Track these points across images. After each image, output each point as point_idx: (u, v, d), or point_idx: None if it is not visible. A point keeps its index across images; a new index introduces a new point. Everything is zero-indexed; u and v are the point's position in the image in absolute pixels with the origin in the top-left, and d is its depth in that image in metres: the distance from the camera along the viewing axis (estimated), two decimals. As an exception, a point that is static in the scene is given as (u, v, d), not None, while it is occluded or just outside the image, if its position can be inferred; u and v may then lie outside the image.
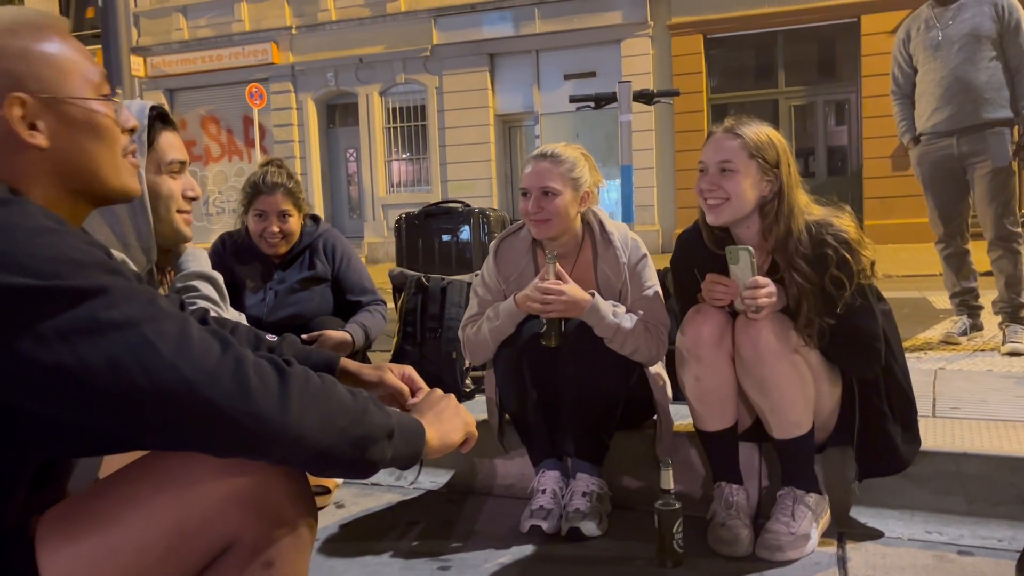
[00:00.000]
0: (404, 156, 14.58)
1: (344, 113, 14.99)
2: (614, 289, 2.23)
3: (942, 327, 3.81)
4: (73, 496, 0.92)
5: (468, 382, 2.94)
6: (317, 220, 2.85)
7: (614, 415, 2.19)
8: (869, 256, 1.92)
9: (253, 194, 2.70)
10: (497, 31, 13.41)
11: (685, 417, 2.22)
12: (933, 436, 2.16)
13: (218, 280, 1.89)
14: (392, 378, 1.25)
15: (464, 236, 3.90)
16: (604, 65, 12.72)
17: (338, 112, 15.08)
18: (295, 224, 2.73)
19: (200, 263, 1.86)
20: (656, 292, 2.25)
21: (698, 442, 2.22)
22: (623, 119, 3.67)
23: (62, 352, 0.78)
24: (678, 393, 2.19)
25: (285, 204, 2.68)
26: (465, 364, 2.90)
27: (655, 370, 2.25)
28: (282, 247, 2.73)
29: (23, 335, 0.78)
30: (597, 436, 2.18)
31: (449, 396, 1.16)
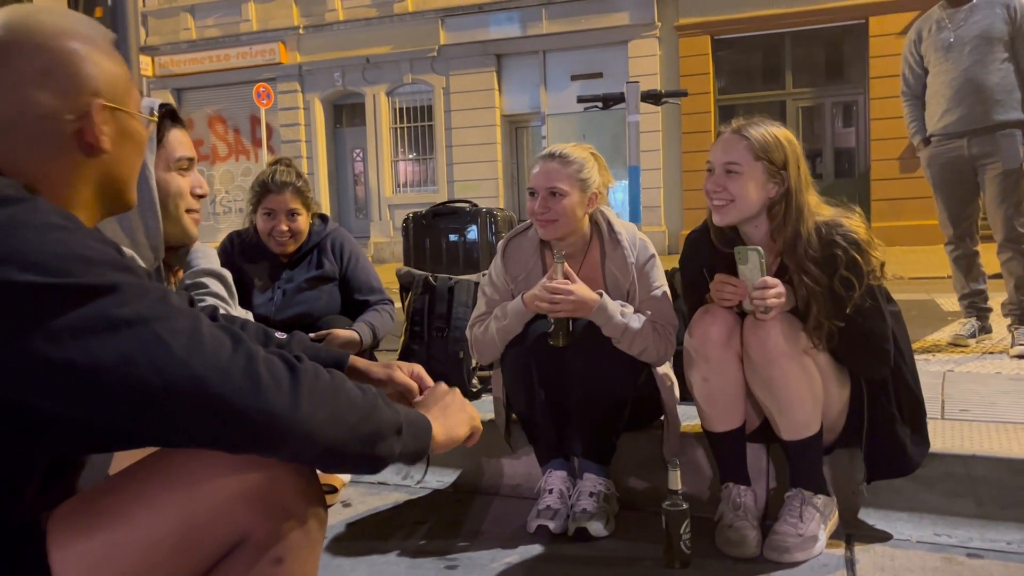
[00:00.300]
0: (411, 156, 14.60)
1: (351, 113, 15.02)
2: (622, 289, 2.23)
3: (950, 329, 3.80)
4: (83, 493, 0.92)
5: (475, 381, 2.94)
6: (325, 219, 2.86)
7: (621, 415, 2.19)
8: (879, 257, 1.92)
9: (262, 193, 2.71)
10: (504, 32, 13.42)
11: (693, 418, 2.22)
12: (942, 438, 2.16)
13: (227, 277, 1.89)
14: (401, 376, 1.25)
15: (471, 236, 3.90)
16: (611, 66, 12.72)
17: (345, 112, 15.10)
18: (303, 223, 2.73)
19: (209, 260, 1.87)
20: (664, 292, 2.24)
21: (706, 443, 2.21)
22: (631, 119, 3.65)
23: (73, 349, 0.79)
24: (686, 393, 2.19)
25: (294, 203, 2.69)
26: (472, 364, 2.91)
27: (663, 370, 2.25)
28: (291, 246, 2.74)
29: (34, 332, 0.78)
30: (604, 436, 2.18)
31: (454, 390, 1.17)
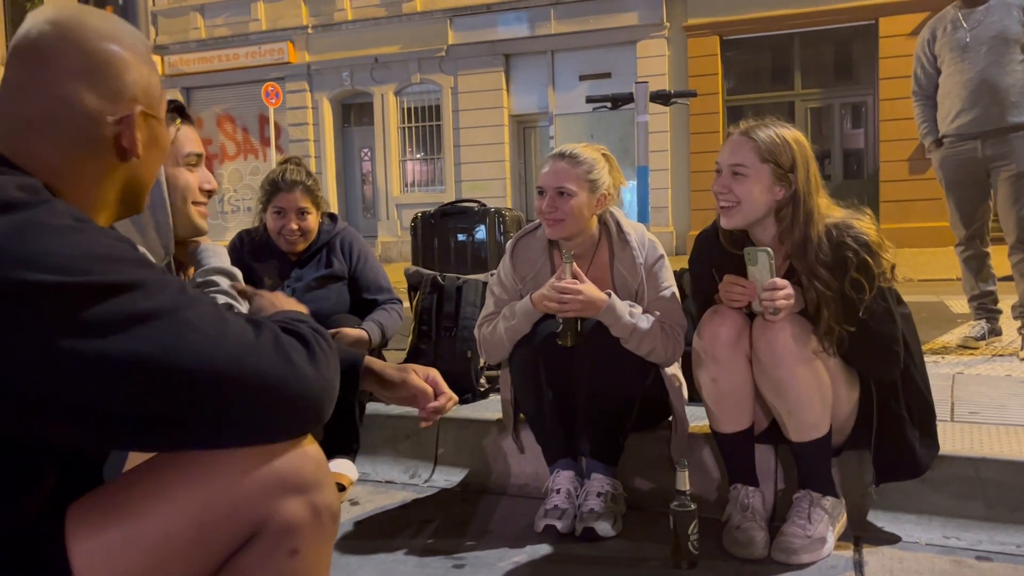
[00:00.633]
0: (418, 156, 14.62)
1: (359, 112, 15.05)
2: (630, 289, 2.23)
3: (960, 331, 3.78)
4: (102, 487, 0.93)
5: (483, 381, 2.94)
6: (335, 218, 2.88)
7: (629, 415, 2.19)
8: (890, 259, 1.91)
9: (272, 191, 2.72)
10: (512, 31, 13.42)
11: (701, 418, 2.22)
12: (951, 441, 2.15)
13: (237, 275, 1.90)
14: (416, 379, 1.26)
15: (480, 235, 3.90)
16: (619, 66, 12.70)
17: (353, 111, 15.13)
18: (313, 222, 2.74)
19: (220, 259, 1.87)
20: (673, 293, 2.24)
21: (714, 444, 2.21)
22: (640, 120, 3.65)
23: (106, 343, 0.80)
24: (694, 394, 2.18)
25: (304, 202, 2.70)
26: (480, 363, 2.91)
27: (671, 371, 2.25)
28: (300, 244, 2.75)
29: (61, 329, 0.79)
30: (612, 436, 2.18)
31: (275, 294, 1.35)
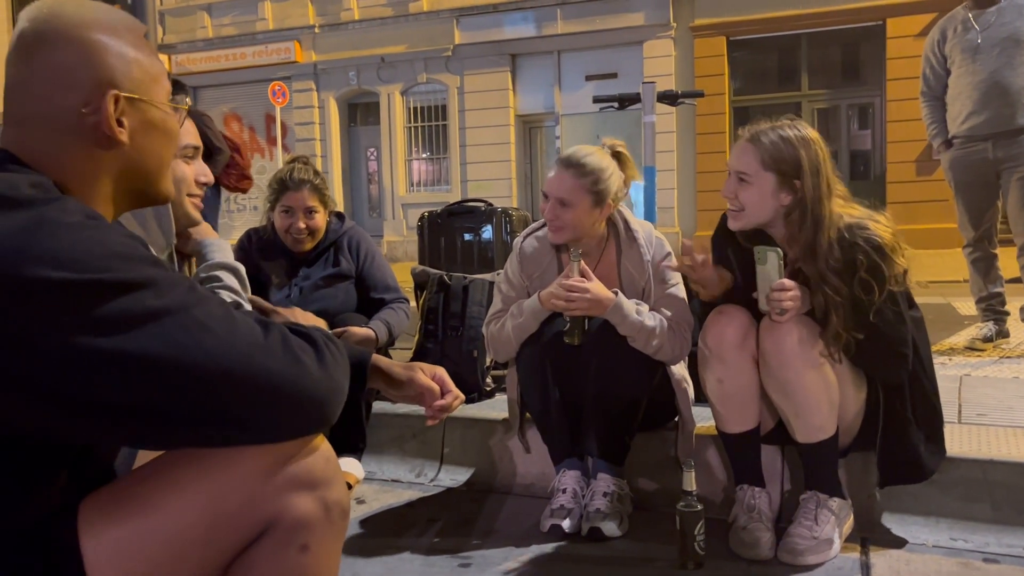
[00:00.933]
0: (424, 155, 14.63)
1: (365, 112, 15.06)
2: (637, 287, 2.23)
3: (967, 333, 3.77)
4: (114, 482, 0.94)
5: (489, 380, 2.94)
6: (342, 218, 2.88)
7: (636, 415, 2.19)
8: (903, 264, 1.88)
9: (280, 190, 2.73)
10: (519, 31, 13.41)
11: (707, 419, 2.21)
12: (959, 443, 2.14)
13: (241, 271, 1.90)
14: (423, 378, 1.26)
15: (486, 235, 3.90)
16: (626, 66, 12.69)
17: (359, 111, 15.15)
18: (321, 220, 2.75)
19: (224, 254, 1.88)
20: (680, 291, 2.24)
21: (720, 444, 2.21)
22: (647, 120, 3.64)
23: (120, 340, 0.81)
24: (701, 395, 2.18)
25: (311, 200, 2.71)
26: (486, 362, 2.91)
27: (678, 371, 2.25)
28: (308, 243, 2.76)
29: (76, 326, 0.80)
30: (619, 436, 2.18)
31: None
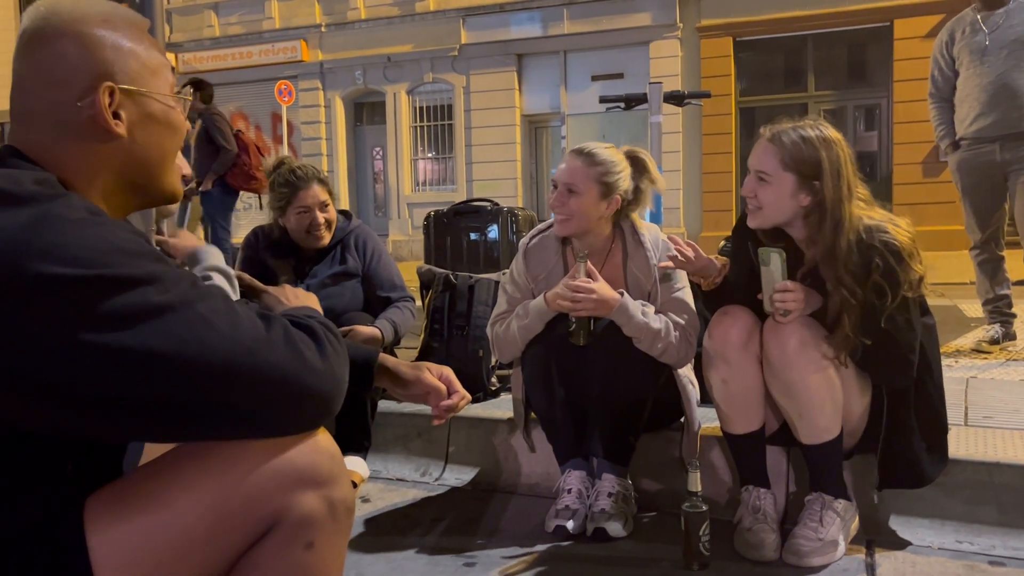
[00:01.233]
0: (430, 155, 14.63)
1: (371, 111, 15.07)
2: (643, 290, 2.23)
3: (974, 335, 3.76)
4: (120, 479, 0.94)
5: (494, 380, 2.94)
6: (348, 216, 2.89)
7: (641, 416, 2.19)
8: (919, 270, 1.86)
9: (291, 193, 2.71)
10: (525, 31, 13.40)
11: (712, 420, 2.21)
12: (965, 445, 2.14)
13: (232, 276, 1.92)
14: (430, 377, 1.26)
15: (492, 235, 3.91)
16: (632, 67, 12.67)
17: (365, 110, 15.15)
18: (333, 212, 2.78)
19: (216, 259, 1.90)
20: (686, 293, 2.24)
21: (725, 445, 2.21)
22: (653, 120, 3.65)
23: (124, 336, 0.81)
24: (705, 395, 2.18)
25: (323, 194, 2.74)
26: (491, 362, 2.91)
27: (683, 372, 2.25)
28: (327, 236, 2.77)
29: (81, 321, 0.80)
30: (624, 437, 2.18)
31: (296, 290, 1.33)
